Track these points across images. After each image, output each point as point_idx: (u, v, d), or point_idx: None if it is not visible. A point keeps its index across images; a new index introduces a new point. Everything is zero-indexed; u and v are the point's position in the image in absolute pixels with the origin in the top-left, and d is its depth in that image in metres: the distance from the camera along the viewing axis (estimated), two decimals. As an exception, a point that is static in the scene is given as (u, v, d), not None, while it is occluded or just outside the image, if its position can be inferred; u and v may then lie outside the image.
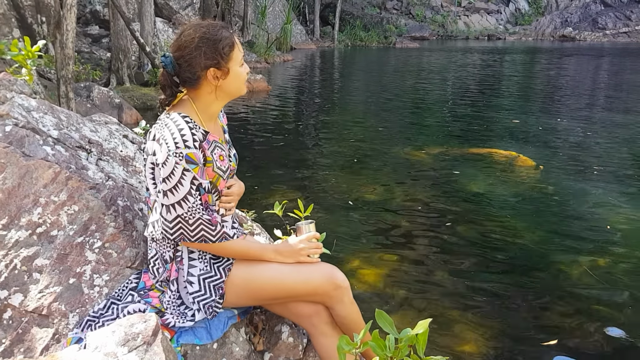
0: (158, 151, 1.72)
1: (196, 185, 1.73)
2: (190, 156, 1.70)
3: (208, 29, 1.78)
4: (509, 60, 22.30)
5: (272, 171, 5.97)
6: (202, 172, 1.75)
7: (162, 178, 1.71)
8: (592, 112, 10.17)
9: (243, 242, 1.89)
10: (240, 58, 1.84)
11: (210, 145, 1.80)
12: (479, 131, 8.30)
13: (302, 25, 30.35)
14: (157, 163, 1.74)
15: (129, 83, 9.94)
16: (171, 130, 1.72)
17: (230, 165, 1.92)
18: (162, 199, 1.74)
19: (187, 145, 1.70)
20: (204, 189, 1.77)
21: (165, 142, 1.71)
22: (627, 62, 21.84)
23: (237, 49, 1.82)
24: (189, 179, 1.71)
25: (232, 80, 1.83)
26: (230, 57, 1.80)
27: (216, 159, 1.82)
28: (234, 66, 1.82)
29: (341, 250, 3.96)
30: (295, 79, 15.47)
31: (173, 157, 1.68)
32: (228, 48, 1.78)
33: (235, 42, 1.81)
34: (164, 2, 19.36)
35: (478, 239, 4.25)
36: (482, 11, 44.06)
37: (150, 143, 1.78)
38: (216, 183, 1.84)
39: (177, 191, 1.71)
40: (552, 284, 3.57)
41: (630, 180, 5.75)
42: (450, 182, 5.66)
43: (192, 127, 1.74)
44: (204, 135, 1.78)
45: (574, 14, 43.37)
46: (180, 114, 1.77)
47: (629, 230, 4.42)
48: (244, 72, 1.86)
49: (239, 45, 1.83)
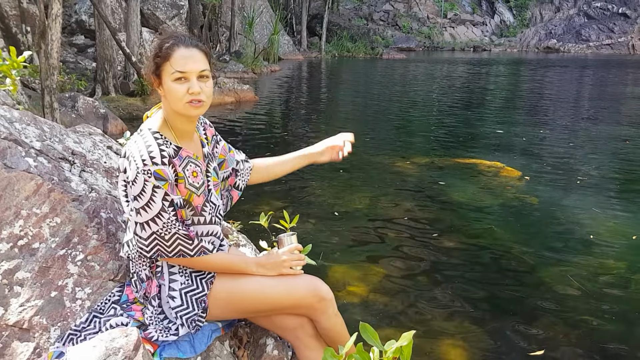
0: (128, 168, 1.70)
1: (168, 201, 1.70)
2: (159, 172, 1.67)
3: (161, 39, 1.75)
4: (494, 71, 22.54)
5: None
6: (172, 188, 1.71)
7: (134, 196, 1.69)
8: (576, 122, 10.30)
9: (224, 256, 1.88)
10: (172, 72, 1.70)
11: (182, 161, 1.76)
12: (465, 141, 8.36)
13: (290, 36, 30.46)
14: (127, 180, 1.72)
15: (115, 93, 9.89)
16: (139, 147, 1.69)
17: (205, 180, 1.86)
18: (136, 217, 1.71)
19: (155, 162, 1.66)
20: (177, 205, 1.73)
21: (133, 159, 1.68)
22: (610, 73, 22.17)
23: (170, 63, 1.70)
24: (160, 196, 1.68)
25: (167, 92, 1.73)
26: (162, 69, 1.72)
27: (189, 175, 1.78)
28: (165, 78, 1.72)
29: (327, 261, 3.95)
30: (282, 90, 15.50)
31: (142, 174, 1.66)
32: (160, 59, 1.72)
33: (171, 54, 1.70)
34: (151, 12, 19.34)
35: (464, 250, 4.27)
36: (468, 23, 44.54)
37: (121, 160, 1.76)
38: (189, 199, 1.79)
39: (150, 208, 1.68)
40: (537, 294, 3.59)
41: (613, 190, 5.81)
42: (436, 192, 5.68)
43: (162, 144, 1.71)
44: (175, 151, 1.75)
45: (558, 26, 43.98)
46: (151, 130, 1.74)
47: (612, 239, 4.46)
48: (179, 90, 1.70)
49: (179, 60, 1.70)
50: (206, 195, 1.86)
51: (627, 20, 43.00)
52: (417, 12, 43.60)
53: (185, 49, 1.72)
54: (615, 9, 43.44)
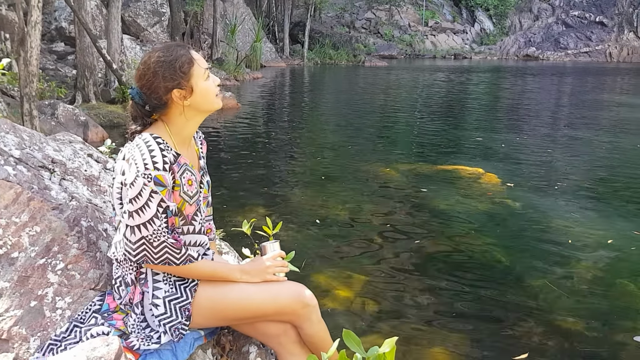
0: (127, 171, 1.71)
1: (163, 207, 1.70)
2: (159, 178, 1.68)
3: (162, 51, 1.77)
4: (474, 78, 22.79)
5: (241, 189, 5.95)
6: (169, 195, 1.73)
7: (129, 199, 1.69)
8: (554, 129, 10.45)
9: (208, 264, 1.88)
10: (203, 72, 1.80)
11: (180, 168, 1.78)
12: (446, 148, 8.44)
13: (272, 43, 30.49)
14: (125, 183, 1.71)
15: (95, 100, 9.81)
16: (141, 151, 1.70)
17: (198, 190, 1.88)
18: (127, 220, 1.71)
19: (157, 167, 1.68)
20: (171, 212, 1.74)
21: (134, 162, 1.69)
22: (588, 81, 22.54)
23: (197, 64, 1.79)
24: (156, 201, 1.69)
25: (199, 96, 1.80)
26: (191, 74, 1.77)
27: (184, 183, 1.79)
28: (198, 82, 1.79)
29: (310, 268, 3.95)
30: (264, 97, 15.51)
31: (141, 178, 1.67)
32: (186, 65, 1.76)
33: (193, 58, 1.79)
34: (132, 19, 19.24)
35: (446, 256, 4.30)
36: (449, 31, 44.99)
37: (120, 162, 1.76)
38: (181, 208, 1.80)
39: (144, 213, 1.68)
40: (519, 299, 3.63)
41: (590, 195, 5.90)
42: (419, 199, 5.72)
43: (164, 149, 1.72)
44: (175, 157, 1.77)
45: (537, 34, 44.64)
46: (153, 135, 1.75)
47: (589, 244, 4.53)
48: (211, 86, 1.83)
49: (200, 59, 1.80)
50: (198, 205, 1.87)
51: (604, 29, 43.79)
52: (399, 20, 43.94)
53: (192, 50, 1.84)
54: (593, 17, 44.22)
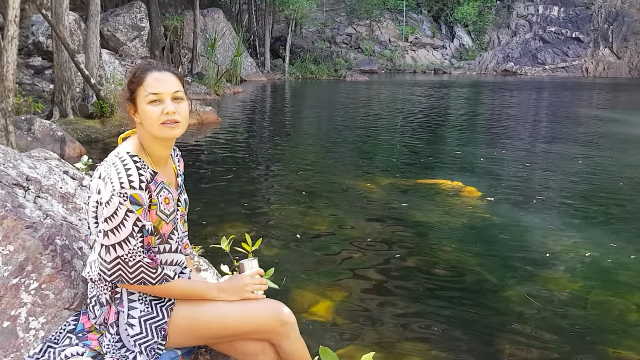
0: (103, 190, 1.70)
1: (139, 227, 1.69)
2: (135, 197, 1.68)
3: (134, 67, 1.81)
4: (454, 93, 23.07)
5: (221, 204, 5.91)
6: (145, 214, 1.72)
7: (105, 218, 1.68)
8: (532, 143, 10.60)
9: (185, 282, 1.86)
10: (146, 95, 1.74)
11: (157, 186, 1.77)
12: (426, 162, 8.50)
13: (253, 57, 30.56)
14: (100, 202, 1.70)
15: (73, 115, 9.70)
16: (117, 170, 1.69)
17: (175, 209, 1.87)
18: (102, 239, 1.70)
19: (133, 186, 1.68)
20: (147, 231, 1.73)
21: (110, 181, 1.68)
22: (565, 96, 22.96)
23: (144, 86, 1.75)
24: (132, 221, 1.68)
25: (142, 117, 1.77)
26: (137, 93, 1.76)
27: (161, 202, 1.78)
28: (140, 103, 1.76)
29: (291, 283, 3.93)
30: (245, 111, 15.50)
31: (117, 197, 1.66)
32: (134, 84, 1.77)
33: (145, 78, 1.75)
34: (111, 33, 19.17)
35: (426, 270, 4.31)
36: (428, 46, 45.55)
37: (95, 181, 1.75)
38: (158, 227, 1.79)
39: (119, 232, 1.67)
40: (498, 313, 3.65)
41: (567, 209, 5.99)
42: (399, 213, 5.74)
43: (140, 167, 1.72)
44: (152, 175, 1.76)
45: (515, 49, 45.40)
46: (129, 153, 1.74)
47: (567, 257, 4.58)
48: (153, 111, 1.73)
49: (153, 83, 1.75)
50: (175, 224, 1.86)
51: (581, 45, 44.71)
52: (379, 35, 44.39)
53: (158, 72, 1.78)
54: (569, 33, 45.15)
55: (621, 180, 7.35)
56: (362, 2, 43.20)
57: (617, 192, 6.73)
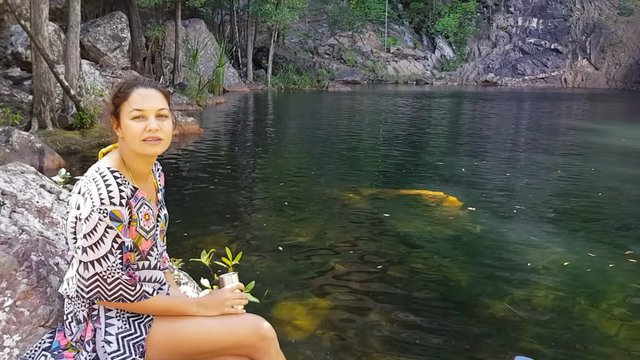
0: (82, 205, 1.68)
1: (118, 243, 1.68)
2: (115, 213, 1.67)
3: (120, 82, 1.81)
4: (435, 104, 23.26)
5: (202, 216, 5.87)
6: (125, 231, 1.71)
7: (84, 234, 1.66)
8: (513, 153, 10.71)
9: (164, 299, 1.84)
10: (130, 111, 1.74)
11: (137, 202, 1.76)
12: (408, 172, 8.54)
13: (235, 68, 30.53)
14: (80, 217, 1.69)
15: (52, 127, 9.58)
16: (98, 185, 1.68)
17: (155, 225, 1.86)
18: (81, 256, 1.68)
19: (113, 202, 1.67)
20: (127, 248, 1.72)
21: (90, 197, 1.67)
22: (545, 106, 23.28)
23: (129, 101, 1.74)
24: (111, 237, 1.67)
25: (124, 132, 1.76)
26: (121, 108, 1.76)
27: (141, 218, 1.77)
28: (123, 118, 1.76)
29: (272, 297, 3.91)
30: (227, 122, 15.46)
31: (97, 213, 1.65)
32: (119, 99, 1.77)
33: (130, 94, 1.75)
34: (91, 44, 19.03)
35: (408, 281, 4.32)
36: (410, 57, 45.95)
37: (75, 196, 1.73)
38: (137, 243, 1.78)
39: (98, 248, 1.66)
40: (480, 323, 3.66)
41: (547, 218, 6.04)
42: (381, 223, 5.75)
43: (121, 183, 1.71)
44: (132, 191, 1.75)
45: (495, 60, 46.01)
46: (110, 169, 1.73)
47: (547, 266, 4.62)
48: (135, 127, 1.74)
49: (138, 99, 1.75)
50: (154, 240, 1.85)
51: (559, 56, 45.46)
52: (361, 46, 44.68)
53: (144, 89, 1.78)
54: (548, 44, 45.90)
55: (600, 190, 7.45)
56: (344, 14, 43.54)
57: (595, 202, 6.82)
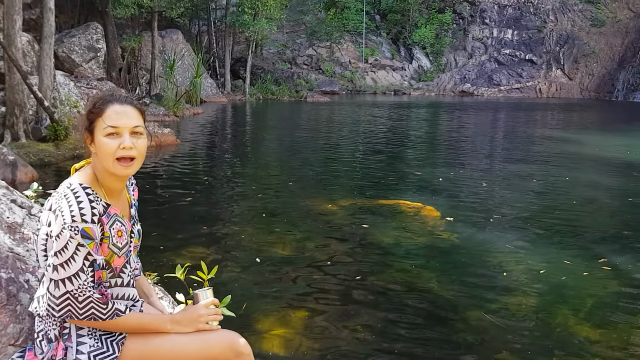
0: (53, 222, 1.65)
1: (90, 261, 1.65)
2: (87, 231, 1.64)
3: (96, 97, 1.77)
4: (413, 114, 23.47)
5: (178, 229, 5.81)
6: (97, 248, 1.68)
7: (55, 251, 1.63)
8: (489, 163, 10.84)
9: (136, 316, 1.81)
10: (104, 128, 1.71)
11: (110, 219, 1.74)
12: (387, 183, 8.57)
13: (213, 78, 30.48)
14: (50, 235, 1.66)
15: (25, 139, 9.42)
16: (69, 202, 1.65)
17: (129, 241, 1.83)
18: (52, 274, 1.65)
19: (84, 220, 1.64)
20: (98, 265, 1.69)
21: (61, 213, 1.64)
22: (520, 116, 23.64)
23: (103, 118, 1.71)
24: (83, 255, 1.64)
25: (97, 149, 1.73)
26: (96, 124, 1.73)
27: (114, 235, 1.75)
28: (97, 134, 1.73)
29: (250, 310, 3.87)
30: (205, 133, 15.38)
31: (68, 230, 1.62)
32: (94, 114, 1.74)
33: (105, 110, 1.72)
34: (66, 55, 18.83)
35: (387, 291, 4.32)
36: (388, 68, 46.33)
37: (46, 213, 1.70)
38: (110, 260, 1.75)
39: (69, 266, 1.63)
40: (457, 332, 3.67)
41: (523, 227, 6.11)
42: (360, 234, 5.75)
43: (93, 200, 1.68)
44: (104, 208, 1.72)
45: (472, 71, 46.64)
46: (82, 185, 1.70)
47: (523, 275, 4.67)
48: (109, 145, 1.71)
49: (112, 116, 1.72)
50: (127, 257, 1.82)
51: (534, 66, 46.29)
52: (340, 57, 44.93)
53: (120, 105, 1.75)
54: (523, 55, 46.71)
55: (574, 199, 7.57)
56: (322, 25, 43.78)
57: (570, 210, 6.92)
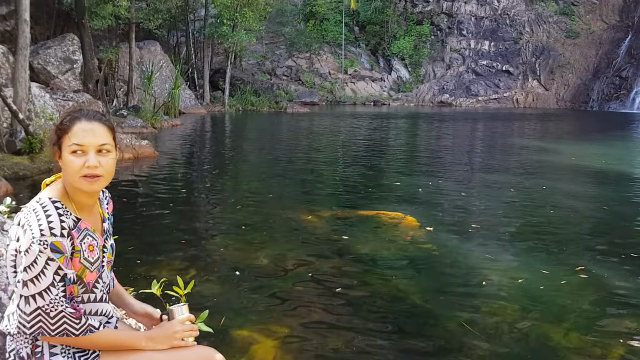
0: (22, 237, 1.61)
1: (61, 275, 1.61)
2: (56, 245, 1.60)
3: (65, 112, 1.75)
4: (392, 124, 23.62)
5: (156, 243, 5.72)
6: (67, 262, 1.64)
7: (24, 267, 1.58)
8: (468, 172, 10.93)
9: (111, 332, 1.76)
10: (69, 145, 1.69)
11: (80, 233, 1.70)
12: (366, 193, 8.58)
13: (192, 90, 30.35)
14: (19, 250, 1.61)
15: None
16: (38, 216, 1.61)
17: (100, 256, 1.80)
18: (22, 290, 1.60)
19: (54, 233, 1.60)
20: (69, 280, 1.65)
21: (30, 228, 1.59)
22: (497, 126, 23.93)
23: (69, 135, 1.69)
24: (53, 269, 1.59)
25: (63, 164, 1.71)
26: (62, 141, 1.71)
27: (85, 249, 1.71)
28: (64, 151, 1.70)
29: (229, 324, 3.81)
30: (183, 144, 15.27)
31: (37, 244, 1.58)
32: (61, 131, 1.72)
33: (72, 127, 1.69)
34: (42, 66, 18.59)
35: (367, 302, 4.29)
36: (367, 79, 46.66)
37: (14, 228, 1.66)
38: (82, 275, 1.71)
39: (39, 281, 1.58)
40: (437, 342, 3.66)
41: (501, 236, 6.15)
42: (340, 245, 5.72)
43: (62, 214, 1.65)
44: (75, 222, 1.69)
45: (450, 82, 47.21)
46: (52, 199, 1.67)
47: (502, 284, 4.68)
48: (74, 162, 1.68)
49: (79, 133, 1.69)
50: (99, 272, 1.78)
51: (511, 77, 47.04)
52: (319, 68, 45.14)
53: (87, 122, 1.71)
54: (500, 66, 47.45)
55: (551, 208, 7.65)
56: (301, 36, 44.00)
57: (547, 219, 6.99)
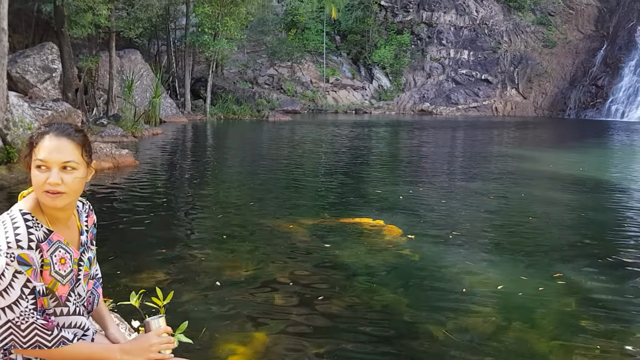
0: None
1: (30, 288, 1.59)
2: (23, 257, 1.58)
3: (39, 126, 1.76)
4: (374, 133, 23.73)
5: (136, 253, 5.66)
6: (36, 275, 1.62)
7: None
8: (448, 180, 11.01)
9: (85, 345, 1.74)
10: (33, 160, 1.68)
11: (51, 246, 1.68)
12: (348, 201, 8.59)
13: (173, 98, 30.20)
14: None
15: (-23, 162, 9.10)
16: (5, 229, 1.60)
17: (74, 269, 1.77)
18: None
19: (20, 246, 1.58)
20: (39, 293, 1.62)
21: None
22: (477, 134, 24.17)
23: (35, 151, 1.68)
24: (21, 282, 1.58)
25: (31, 179, 1.70)
26: (31, 154, 1.70)
27: (55, 262, 1.69)
28: (32, 164, 1.70)
29: (210, 335, 3.78)
30: (164, 153, 15.16)
31: (4, 257, 1.56)
32: (30, 145, 1.71)
33: (38, 142, 1.68)
34: (20, 75, 18.38)
35: (349, 311, 4.29)
36: (349, 87, 46.87)
37: None
38: (53, 288, 1.69)
39: (8, 294, 1.56)
40: (418, 349, 3.67)
41: (481, 243, 6.20)
42: (322, 254, 5.72)
43: (31, 226, 1.63)
44: (45, 234, 1.67)
45: (430, 90, 47.62)
46: (22, 211, 1.66)
47: (482, 290, 4.72)
48: (38, 177, 1.67)
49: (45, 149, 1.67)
50: (72, 285, 1.76)
51: (490, 86, 47.60)
52: (301, 76, 45.24)
53: (55, 138, 1.68)
54: (479, 75, 48.00)
55: (530, 215, 7.73)
56: (283, 45, 44.08)
57: (526, 226, 7.06)
